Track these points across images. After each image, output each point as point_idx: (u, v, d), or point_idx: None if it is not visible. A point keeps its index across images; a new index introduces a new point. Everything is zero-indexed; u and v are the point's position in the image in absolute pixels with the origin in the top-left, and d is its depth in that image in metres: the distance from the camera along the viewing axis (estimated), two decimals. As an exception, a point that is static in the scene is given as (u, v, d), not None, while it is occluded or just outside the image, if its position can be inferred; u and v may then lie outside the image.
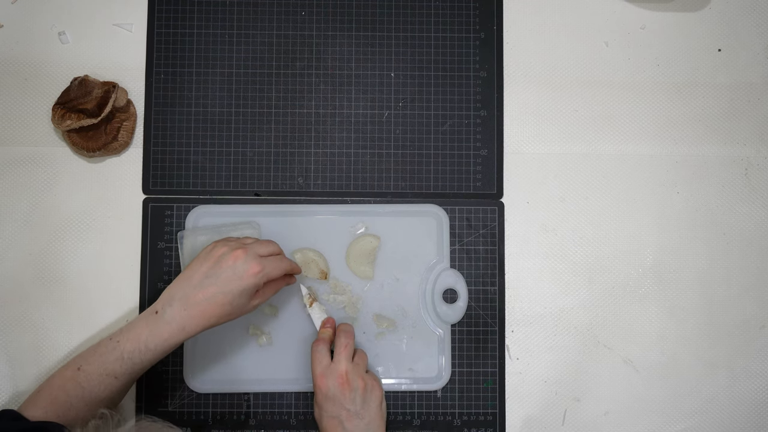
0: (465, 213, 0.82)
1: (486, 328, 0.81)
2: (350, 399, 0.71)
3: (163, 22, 0.84)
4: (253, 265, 0.68)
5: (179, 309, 0.67)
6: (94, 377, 0.67)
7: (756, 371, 0.82)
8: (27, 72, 0.83)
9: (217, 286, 0.67)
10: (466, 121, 0.83)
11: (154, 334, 0.67)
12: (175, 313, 0.67)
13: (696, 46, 0.85)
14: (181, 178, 0.82)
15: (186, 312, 0.67)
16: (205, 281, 0.68)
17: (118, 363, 0.67)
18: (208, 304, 0.67)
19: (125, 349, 0.67)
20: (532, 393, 0.81)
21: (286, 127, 0.83)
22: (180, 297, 0.68)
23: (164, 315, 0.67)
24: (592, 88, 0.84)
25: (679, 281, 0.82)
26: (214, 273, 0.68)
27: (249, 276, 0.68)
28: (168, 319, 0.67)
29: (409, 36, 0.84)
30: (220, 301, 0.67)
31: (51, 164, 0.82)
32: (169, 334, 0.67)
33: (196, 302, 0.67)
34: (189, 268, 0.70)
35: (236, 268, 0.68)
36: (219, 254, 0.69)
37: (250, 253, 0.69)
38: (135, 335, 0.67)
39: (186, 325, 0.67)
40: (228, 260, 0.68)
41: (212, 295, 0.67)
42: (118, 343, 0.67)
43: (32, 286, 0.80)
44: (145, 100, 0.83)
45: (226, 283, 0.67)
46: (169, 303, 0.68)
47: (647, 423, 0.81)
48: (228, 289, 0.67)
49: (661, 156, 0.84)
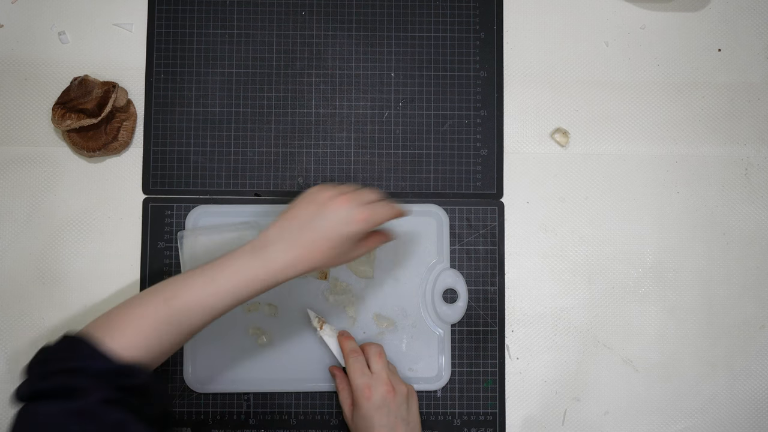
0: (465, 213, 0.82)
1: (486, 327, 0.81)
2: (397, 405, 0.72)
3: (163, 22, 0.84)
4: (360, 211, 0.66)
5: (284, 249, 0.65)
6: (186, 309, 0.64)
7: (756, 371, 0.82)
8: (27, 72, 0.83)
9: (323, 230, 0.65)
10: (466, 121, 0.83)
11: (265, 270, 0.64)
12: (279, 253, 0.65)
13: (696, 46, 0.85)
14: (181, 178, 0.82)
15: (291, 253, 0.65)
16: (311, 223, 0.65)
17: (213, 298, 0.64)
18: (313, 247, 0.65)
19: (222, 285, 0.64)
20: (532, 393, 0.81)
21: (286, 127, 0.83)
22: (285, 238, 0.65)
23: (269, 254, 0.65)
24: (592, 88, 0.84)
25: (679, 281, 0.83)
26: (320, 216, 0.65)
27: (356, 222, 0.65)
28: (273, 257, 0.65)
29: (409, 36, 0.84)
30: (325, 245, 0.65)
31: (51, 164, 0.82)
32: (278, 271, 0.65)
33: (301, 244, 0.65)
34: (292, 209, 0.67)
35: (343, 213, 0.65)
36: (325, 198, 0.66)
37: (356, 199, 0.66)
38: (234, 272, 0.64)
39: (288, 266, 0.65)
40: (334, 205, 0.66)
41: (318, 239, 0.65)
42: (213, 279, 0.64)
43: (32, 286, 0.80)
44: (145, 100, 0.83)
45: (332, 227, 0.65)
46: (273, 242, 0.65)
47: (647, 423, 0.81)
48: (334, 235, 0.65)
49: (661, 156, 0.84)
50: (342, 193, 0.67)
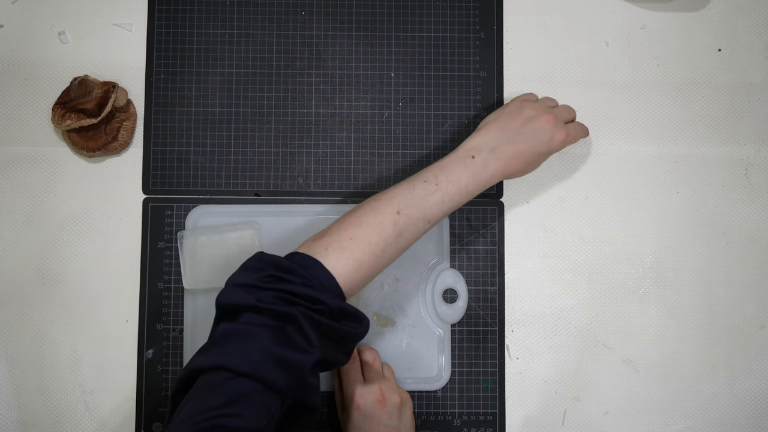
0: (465, 213, 0.82)
1: (486, 327, 0.81)
2: (387, 415, 0.71)
3: (163, 22, 0.84)
4: (560, 132, 0.73)
5: (493, 158, 0.70)
6: (413, 221, 0.67)
7: (756, 371, 0.82)
8: (27, 72, 0.83)
9: (527, 143, 0.71)
10: (466, 121, 0.83)
11: (474, 178, 0.69)
12: (489, 160, 0.70)
13: (696, 46, 0.85)
14: (181, 178, 0.82)
15: (497, 161, 0.70)
16: (517, 137, 0.72)
17: (438, 206, 0.68)
18: (516, 157, 0.71)
19: (447, 192, 0.68)
20: (532, 393, 0.81)
21: (286, 127, 0.83)
22: (493, 147, 0.71)
23: (480, 161, 0.70)
24: (592, 88, 0.84)
25: (679, 281, 0.83)
26: (525, 131, 0.72)
27: (556, 142, 0.73)
28: (484, 164, 0.70)
29: (409, 36, 0.84)
30: (526, 158, 0.72)
31: (51, 164, 0.82)
32: (484, 180, 0.70)
33: (506, 154, 0.71)
34: (498, 122, 0.73)
35: (546, 131, 0.72)
36: (530, 114, 0.73)
37: (558, 119, 0.74)
38: (455, 178, 0.69)
39: (496, 172, 0.71)
40: (539, 122, 0.72)
41: (521, 152, 0.71)
42: (437, 186, 0.68)
43: (32, 286, 0.80)
44: (145, 100, 0.83)
45: (535, 143, 0.72)
46: (483, 150, 0.71)
47: (647, 423, 0.81)
48: (536, 150, 0.72)
49: (661, 156, 0.84)
50: (545, 111, 0.73)
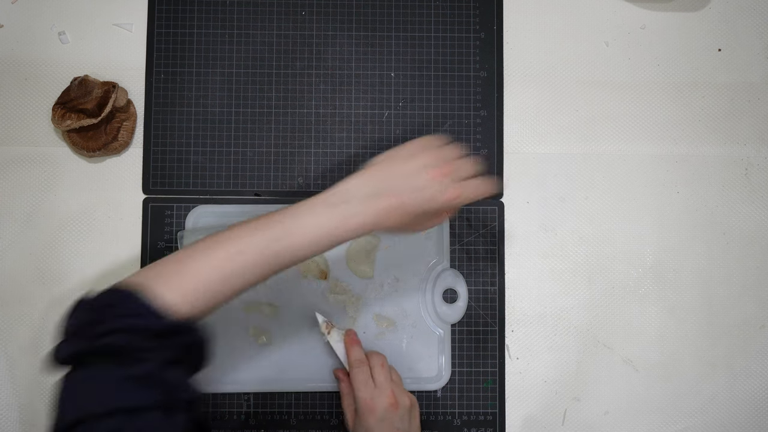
0: (465, 213, 0.82)
1: (486, 328, 0.81)
2: (399, 417, 0.71)
3: (163, 22, 0.84)
4: (452, 190, 0.63)
5: (365, 206, 0.62)
6: (254, 263, 0.60)
7: (756, 371, 0.82)
8: (27, 72, 0.83)
9: (410, 196, 0.62)
10: (466, 121, 0.83)
11: (332, 228, 0.61)
12: (358, 209, 0.62)
13: (696, 46, 0.85)
14: (181, 178, 0.82)
15: (369, 210, 0.62)
16: (397, 189, 0.62)
17: (285, 252, 0.60)
18: (395, 210, 0.62)
19: (295, 239, 0.60)
20: (532, 393, 0.81)
21: (286, 127, 0.83)
22: (367, 194, 0.62)
23: (348, 209, 0.61)
24: (592, 88, 0.84)
25: (679, 281, 0.83)
26: (412, 182, 0.63)
27: (444, 200, 0.63)
28: (352, 213, 0.61)
29: (409, 36, 0.84)
30: (408, 211, 0.63)
31: (51, 164, 0.82)
32: (345, 231, 0.62)
33: (384, 205, 0.62)
34: (384, 165, 0.64)
35: (436, 187, 0.63)
36: (423, 164, 0.63)
37: (453, 174, 0.64)
38: (311, 225, 0.61)
39: (366, 223, 0.62)
40: (431, 174, 0.63)
41: (402, 204, 0.62)
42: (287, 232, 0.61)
43: (32, 286, 0.80)
44: (145, 100, 0.83)
45: (419, 198, 0.62)
46: (353, 198, 0.62)
47: (647, 423, 0.81)
48: (419, 205, 0.62)
49: (661, 156, 0.84)
50: (440, 163, 0.64)
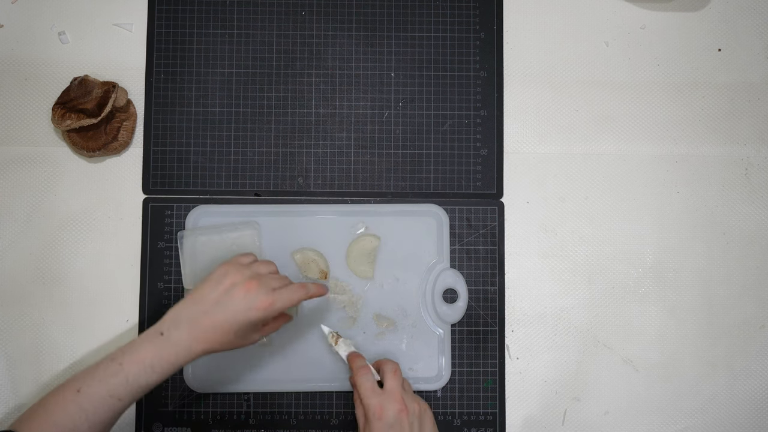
0: (465, 213, 0.82)
1: (486, 327, 0.81)
2: (409, 424, 0.70)
3: (163, 22, 0.84)
4: (263, 299, 0.67)
5: (186, 332, 0.67)
6: (97, 399, 0.65)
7: (756, 371, 0.82)
8: (27, 72, 0.83)
9: (225, 314, 0.67)
10: (466, 121, 0.83)
11: (160, 356, 0.66)
12: (181, 335, 0.66)
13: (696, 46, 0.85)
14: (181, 178, 0.82)
15: (192, 335, 0.67)
16: (215, 308, 0.67)
17: (123, 386, 0.65)
18: (214, 331, 0.67)
19: (130, 371, 0.65)
20: (532, 393, 0.81)
21: (286, 127, 0.83)
22: (187, 320, 0.67)
23: (171, 337, 0.66)
24: (592, 88, 0.84)
25: (679, 281, 0.83)
26: (224, 301, 0.67)
27: (258, 310, 0.67)
28: (174, 341, 0.66)
29: (409, 36, 0.84)
30: (226, 329, 0.67)
31: (51, 164, 0.82)
32: (175, 356, 0.66)
33: (203, 328, 0.67)
34: (199, 290, 0.69)
35: (247, 300, 0.67)
36: (231, 282, 0.68)
37: (262, 285, 0.68)
38: (140, 357, 0.66)
39: (191, 348, 0.67)
40: (240, 290, 0.67)
41: (220, 323, 0.67)
42: (121, 365, 0.65)
43: (32, 286, 0.80)
44: (145, 100, 0.83)
45: (235, 313, 0.67)
46: (175, 325, 0.67)
47: (647, 423, 0.81)
48: (236, 320, 0.67)
49: (661, 156, 0.84)
50: (248, 278, 0.68)
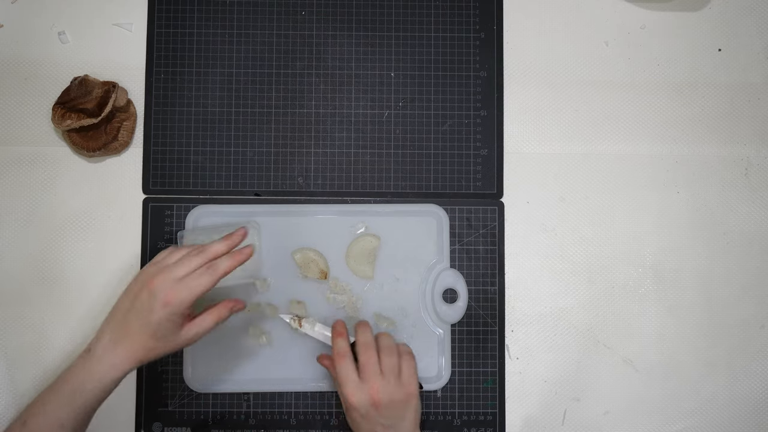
0: (465, 213, 0.82)
1: (486, 327, 0.81)
2: (385, 415, 0.69)
3: (163, 22, 0.84)
4: (165, 294, 0.64)
5: (109, 346, 0.65)
6: (44, 429, 0.63)
7: (756, 371, 0.82)
8: (27, 72, 0.83)
9: (138, 320, 0.64)
10: (466, 121, 0.83)
11: (89, 374, 0.64)
12: (104, 350, 0.64)
13: (696, 46, 0.85)
14: (181, 178, 0.82)
15: (114, 349, 0.64)
16: (127, 316, 0.65)
17: (64, 409, 0.64)
18: (132, 339, 0.64)
19: (65, 393, 0.64)
20: (532, 393, 0.81)
21: (286, 127, 0.83)
22: (107, 333, 0.65)
23: (95, 353, 0.65)
24: (592, 88, 0.84)
25: (679, 281, 0.83)
26: (133, 307, 0.65)
27: (164, 306, 0.63)
28: (99, 357, 0.64)
29: (409, 36, 0.84)
30: (143, 335, 0.64)
31: (51, 164, 0.82)
32: (101, 373, 0.64)
33: (120, 338, 0.64)
34: (116, 302, 0.67)
35: (150, 300, 0.64)
36: (138, 285, 0.66)
37: (165, 280, 0.64)
38: (72, 377, 0.64)
39: (116, 363, 0.64)
40: (144, 292, 0.64)
41: (135, 331, 0.64)
42: (57, 389, 0.64)
43: (32, 286, 0.80)
44: (145, 100, 0.83)
45: (143, 316, 0.64)
46: (98, 340, 0.65)
47: (647, 423, 0.81)
48: (147, 323, 0.64)
49: (661, 156, 0.84)
50: (152, 275, 0.65)
